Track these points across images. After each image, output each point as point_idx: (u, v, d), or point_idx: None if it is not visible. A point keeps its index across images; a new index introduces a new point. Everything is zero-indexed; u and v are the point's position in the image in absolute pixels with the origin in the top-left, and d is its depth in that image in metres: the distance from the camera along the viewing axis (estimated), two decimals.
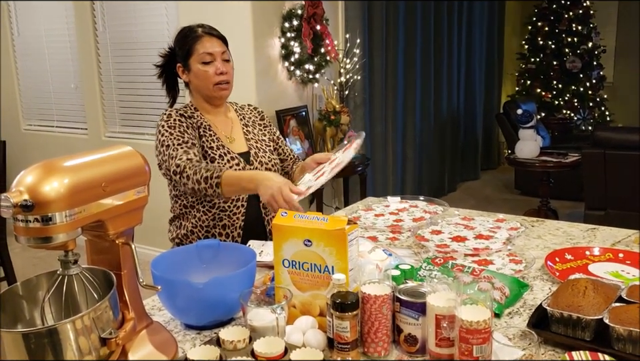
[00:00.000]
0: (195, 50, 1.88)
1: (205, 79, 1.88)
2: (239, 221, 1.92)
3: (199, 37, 1.88)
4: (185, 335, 1.29)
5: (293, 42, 3.73)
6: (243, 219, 1.92)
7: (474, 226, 1.89)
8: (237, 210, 1.91)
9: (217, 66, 1.88)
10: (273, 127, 2.14)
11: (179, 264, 1.39)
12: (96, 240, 1.11)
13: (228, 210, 1.90)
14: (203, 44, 1.88)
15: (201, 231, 1.91)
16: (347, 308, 1.10)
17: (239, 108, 2.09)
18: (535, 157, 4.73)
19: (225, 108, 2.02)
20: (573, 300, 1.18)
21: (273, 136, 2.10)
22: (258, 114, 2.12)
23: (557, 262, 1.57)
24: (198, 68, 1.88)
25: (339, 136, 3.99)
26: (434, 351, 1.09)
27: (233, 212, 1.91)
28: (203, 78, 1.89)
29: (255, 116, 2.10)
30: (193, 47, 1.88)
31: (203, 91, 1.92)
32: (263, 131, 2.08)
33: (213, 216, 1.90)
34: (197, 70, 1.89)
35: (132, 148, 1.16)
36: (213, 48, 1.88)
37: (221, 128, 1.96)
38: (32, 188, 0.93)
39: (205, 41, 1.88)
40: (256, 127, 2.06)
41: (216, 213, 1.90)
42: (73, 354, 0.95)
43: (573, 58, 6.82)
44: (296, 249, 1.24)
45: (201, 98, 1.95)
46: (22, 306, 1.07)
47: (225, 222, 1.91)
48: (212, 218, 1.90)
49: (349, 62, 4.18)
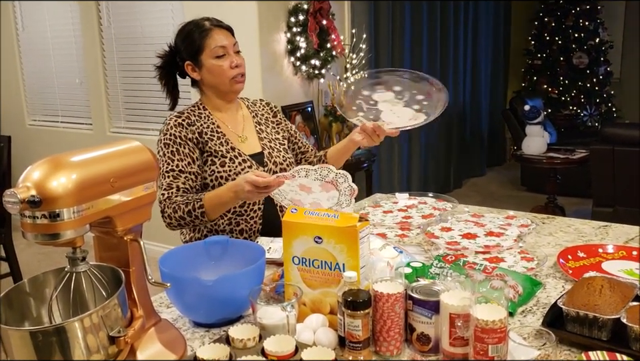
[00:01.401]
0: (206, 46, 1.79)
1: (221, 74, 1.80)
2: (256, 225, 1.86)
3: (208, 31, 1.80)
4: (193, 333, 1.27)
5: (299, 37, 3.70)
6: (260, 222, 1.86)
7: (484, 223, 1.86)
8: (254, 213, 1.84)
9: (231, 59, 1.80)
10: (286, 123, 2.05)
11: (187, 261, 1.37)
12: (104, 236, 1.09)
13: (245, 215, 1.83)
14: (213, 38, 1.79)
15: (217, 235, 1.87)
16: (358, 307, 1.08)
17: (250, 105, 2.00)
18: (542, 153, 4.70)
19: (237, 104, 1.94)
20: (588, 298, 1.15)
21: (286, 133, 2.02)
22: (270, 110, 2.03)
23: (569, 259, 1.55)
24: (212, 63, 1.79)
25: (345, 132, 3.97)
26: (448, 350, 1.07)
27: (250, 216, 1.84)
28: (218, 73, 1.80)
29: (267, 112, 2.02)
30: (204, 42, 1.79)
31: (219, 87, 1.83)
32: (276, 129, 2.00)
33: (229, 220, 1.83)
34: (211, 66, 1.80)
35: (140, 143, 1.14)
36: (224, 40, 1.80)
37: (232, 127, 1.89)
38: (39, 183, 0.92)
39: (215, 34, 1.80)
40: (269, 125, 1.98)
41: (232, 218, 1.83)
42: (81, 352, 0.93)
43: (579, 54, 6.76)
44: (306, 246, 1.22)
45: (214, 95, 1.87)
46: (29, 304, 1.05)
47: (242, 226, 1.84)
48: (228, 223, 1.83)
49: (355, 57, 4.15)
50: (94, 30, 4.24)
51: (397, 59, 4.78)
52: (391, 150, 4.86)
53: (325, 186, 1.61)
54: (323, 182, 1.59)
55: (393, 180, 4.91)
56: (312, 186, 1.59)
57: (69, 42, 4.52)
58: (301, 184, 1.58)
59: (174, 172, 1.76)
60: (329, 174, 1.55)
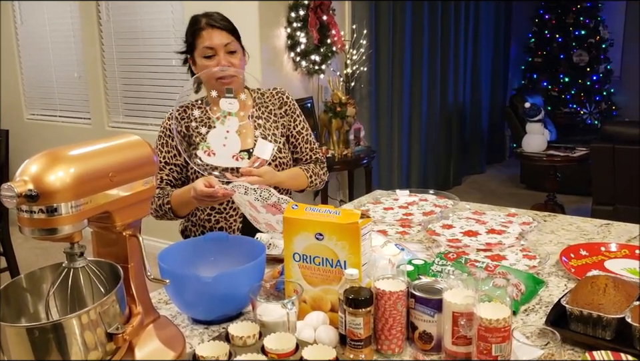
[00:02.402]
0: (197, 44, 1.80)
1: (207, 75, 1.79)
2: (236, 223, 1.86)
3: (199, 30, 1.79)
4: (192, 330, 1.26)
5: (299, 33, 3.68)
6: (240, 221, 1.86)
7: (485, 220, 1.85)
8: (234, 211, 1.85)
9: (218, 61, 1.78)
10: (295, 120, 1.97)
11: (186, 257, 1.36)
12: (102, 231, 1.08)
13: (224, 212, 1.85)
14: (203, 37, 1.78)
15: (199, 229, 1.88)
16: (360, 304, 1.07)
17: (258, 96, 1.95)
18: (542, 151, 4.69)
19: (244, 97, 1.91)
20: (592, 297, 1.14)
21: (285, 130, 1.95)
22: (278, 100, 1.96)
23: (571, 258, 1.53)
24: (201, 62, 1.80)
25: (345, 128, 3.95)
26: (450, 349, 1.06)
27: (230, 214, 1.85)
28: (205, 73, 1.79)
29: (274, 104, 1.95)
30: (195, 41, 1.80)
31: (207, 86, 1.85)
32: (277, 122, 1.93)
33: (208, 216, 1.86)
34: (200, 65, 1.81)
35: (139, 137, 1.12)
36: (214, 40, 1.78)
37: None
38: (36, 177, 0.90)
39: (206, 34, 1.78)
40: (270, 118, 1.92)
41: (212, 215, 1.86)
42: (78, 349, 0.92)
43: (580, 51, 6.75)
44: (307, 243, 1.20)
45: (209, 90, 1.86)
46: (26, 300, 1.04)
47: (221, 224, 1.86)
48: (207, 220, 1.86)
49: (356, 53, 4.13)
50: (93, 25, 4.22)
51: (397, 55, 4.76)
52: (390, 147, 4.84)
53: (269, 208, 1.58)
54: (266, 205, 1.56)
55: (392, 176, 4.90)
56: (257, 205, 1.57)
57: (67, 36, 4.49)
58: (248, 200, 1.56)
59: (160, 164, 1.80)
60: (271, 198, 1.53)
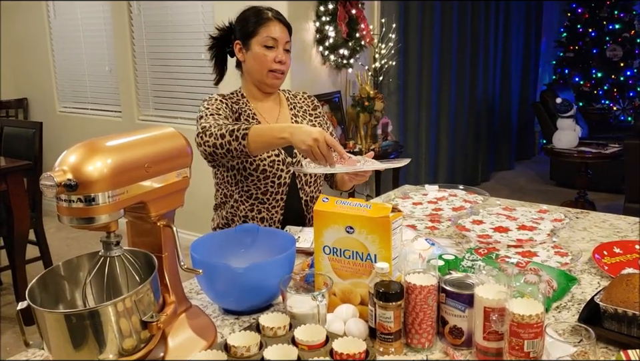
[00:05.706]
0: (259, 32, 1.80)
1: (262, 63, 1.81)
2: (277, 215, 1.85)
3: (267, 20, 1.81)
4: (223, 320, 1.27)
5: (328, 26, 3.67)
6: (282, 213, 1.86)
7: (516, 216, 1.83)
8: (277, 203, 1.84)
9: (277, 54, 1.81)
10: (326, 122, 2.03)
11: (218, 248, 1.37)
12: (137, 221, 1.10)
13: (267, 203, 1.83)
14: (269, 28, 1.80)
15: (238, 222, 1.87)
16: (391, 298, 1.07)
17: (291, 97, 2.00)
18: (573, 147, 4.61)
19: (276, 96, 1.95)
20: (628, 295, 1.12)
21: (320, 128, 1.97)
22: (311, 102, 2.03)
23: (605, 255, 1.51)
24: (258, 50, 1.81)
25: (373, 122, 3.94)
26: (481, 344, 1.05)
27: (272, 205, 1.84)
28: (260, 61, 1.81)
29: (307, 105, 2.01)
30: (259, 28, 1.81)
31: (255, 75, 1.85)
32: (313, 122, 1.97)
33: (250, 206, 1.84)
34: (257, 52, 1.81)
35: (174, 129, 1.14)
36: (278, 33, 1.81)
37: (267, 117, 1.89)
38: (75, 167, 0.92)
39: (273, 25, 1.81)
40: (306, 117, 1.97)
41: (254, 204, 1.84)
42: (114, 336, 0.94)
43: (613, 46, 6.61)
44: (337, 236, 1.21)
45: (251, 82, 1.88)
46: (64, 287, 1.06)
47: (263, 214, 1.84)
48: (250, 209, 1.84)
49: (384, 47, 4.11)
50: (124, 18, 4.27)
51: (426, 49, 4.72)
52: (418, 142, 4.81)
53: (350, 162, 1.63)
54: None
55: (420, 172, 4.87)
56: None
57: (99, 30, 4.56)
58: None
59: (220, 116, 1.75)
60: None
